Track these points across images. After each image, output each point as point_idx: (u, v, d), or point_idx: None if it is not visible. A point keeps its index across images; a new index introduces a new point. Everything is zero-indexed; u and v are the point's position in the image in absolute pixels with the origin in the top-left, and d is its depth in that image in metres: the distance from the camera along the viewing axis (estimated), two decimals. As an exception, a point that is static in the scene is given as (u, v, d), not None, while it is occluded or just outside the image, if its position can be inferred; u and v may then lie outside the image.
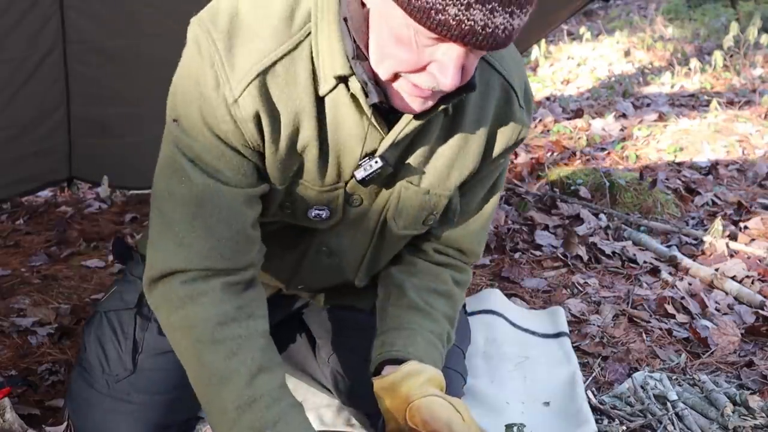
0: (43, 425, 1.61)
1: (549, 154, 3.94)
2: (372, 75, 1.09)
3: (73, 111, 2.61)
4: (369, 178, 1.21)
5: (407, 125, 1.16)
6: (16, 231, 2.95)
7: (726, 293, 2.40)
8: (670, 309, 2.27)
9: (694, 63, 5.57)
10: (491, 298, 2.23)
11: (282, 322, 1.67)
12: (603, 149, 4.07)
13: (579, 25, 7.62)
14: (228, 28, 1.11)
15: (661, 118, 4.51)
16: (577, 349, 2.03)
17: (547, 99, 5.32)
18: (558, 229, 2.92)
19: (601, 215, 3.04)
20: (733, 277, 2.49)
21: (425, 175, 1.29)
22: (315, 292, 1.61)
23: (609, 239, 2.85)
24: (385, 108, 1.14)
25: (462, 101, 1.21)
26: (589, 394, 1.80)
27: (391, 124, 1.18)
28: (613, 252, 2.72)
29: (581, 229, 2.88)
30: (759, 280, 2.50)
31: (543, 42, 6.36)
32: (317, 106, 1.15)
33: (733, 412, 1.70)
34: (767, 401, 1.76)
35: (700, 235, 2.84)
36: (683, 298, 2.35)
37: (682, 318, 2.24)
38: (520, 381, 1.89)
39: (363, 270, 1.47)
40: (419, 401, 1.20)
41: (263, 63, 1.10)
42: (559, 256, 2.68)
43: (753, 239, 2.84)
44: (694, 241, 2.84)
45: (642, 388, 1.83)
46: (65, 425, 1.55)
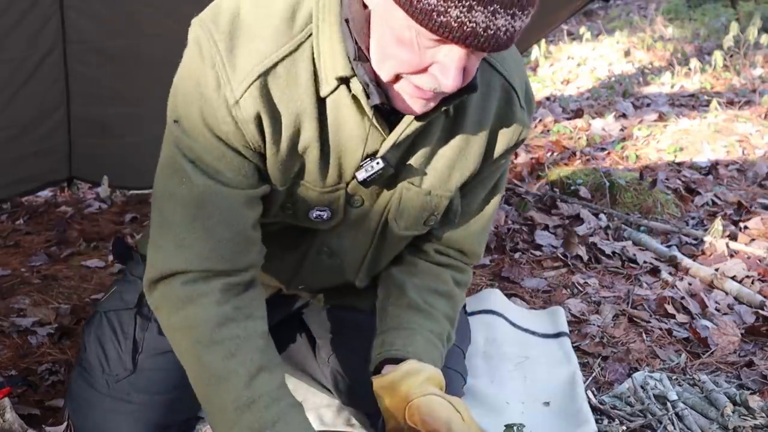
0: (43, 425, 1.61)
1: (549, 154, 3.94)
2: (373, 76, 1.09)
3: (73, 111, 2.61)
4: (370, 179, 1.21)
5: (408, 126, 1.17)
6: (16, 231, 2.95)
7: (726, 293, 2.40)
8: (670, 309, 2.27)
9: (694, 63, 5.57)
10: (491, 298, 2.23)
11: (282, 322, 1.67)
12: (603, 149, 4.07)
13: (579, 25, 7.62)
14: (229, 29, 1.11)
15: (661, 118, 4.51)
16: (577, 349, 2.03)
17: (547, 99, 5.32)
18: (558, 229, 2.92)
19: (601, 215, 3.04)
20: (733, 277, 2.49)
21: (426, 176, 1.29)
22: (315, 292, 1.61)
23: (609, 239, 2.85)
24: (386, 109, 1.14)
25: (463, 102, 1.21)
26: (589, 394, 1.80)
27: (393, 125, 1.18)
28: (613, 252, 2.72)
29: (581, 229, 2.88)
30: (759, 280, 2.50)
31: (543, 42, 6.36)
32: (318, 107, 1.15)
33: (733, 412, 1.70)
34: (767, 401, 1.76)
35: (700, 235, 2.84)
36: (683, 298, 2.35)
37: (682, 318, 2.24)
38: (520, 381, 1.89)
39: (364, 270, 1.47)
40: (418, 400, 1.20)
41: (264, 64, 1.10)
42: (559, 256, 2.68)
43: (753, 239, 2.85)
44: (694, 241, 2.84)
45: (642, 388, 1.83)
46: (65, 425, 1.55)
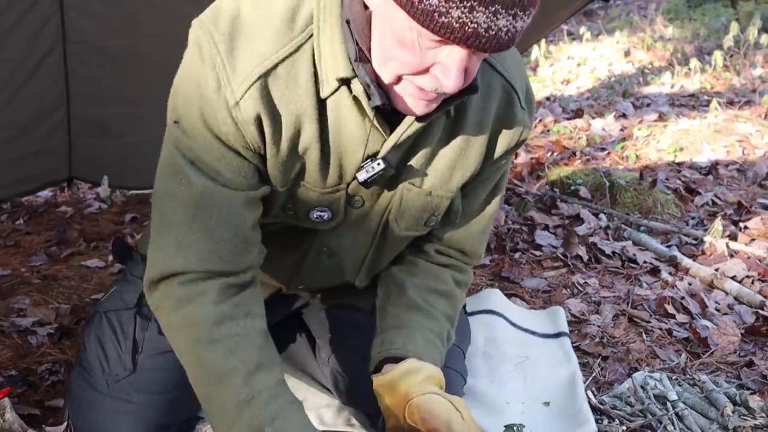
0: (43, 425, 1.61)
1: (549, 154, 3.94)
2: (374, 77, 1.09)
3: (73, 111, 2.61)
4: (371, 179, 1.21)
5: (409, 127, 1.17)
6: (16, 231, 2.95)
7: (726, 293, 2.40)
8: (670, 309, 2.27)
9: (694, 63, 5.57)
10: (491, 298, 2.23)
11: (282, 321, 1.68)
12: (603, 149, 4.07)
13: (579, 25, 7.62)
14: (229, 30, 1.11)
15: (661, 118, 4.51)
16: (577, 349, 2.03)
17: (547, 99, 5.32)
18: (558, 229, 2.92)
19: (601, 215, 3.04)
20: (733, 277, 2.49)
21: (427, 177, 1.29)
22: (315, 292, 1.61)
23: (609, 239, 2.85)
24: (387, 110, 1.14)
25: (464, 103, 1.21)
26: (589, 394, 1.80)
27: (393, 126, 1.18)
28: (613, 252, 2.72)
29: (581, 229, 2.88)
30: (759, 280, 2.50)
31: (543, 42, 6.36)
32: (318, 108, 1.15)
33: (733, 412, 1.70)
34: (767, 401, 1.76)
35: (700, 235, 2.84)
36: (683, 298, 2.35)
37: (682, 318, 2.24)
38: (520, 381, 1.89)
39: (364, 271, 1.47)
40: (418, 399, 1.20)
41: (265, 65, 1.10)
42: (559, 256, 2.68)
43: (753, 239, 2.85)
44: (694, 241, 2.84)
45: (642, 388, 1.83)
46: (65, 425, 1.55)
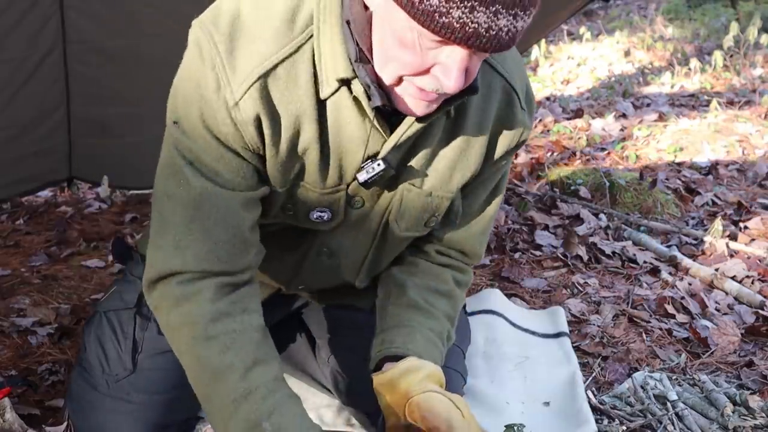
0: (43, 425, 1.61)
1: (549, 154, 3.94)
2: (374, 77, 1.09)
3: (73, 111, 2.61)
4: (371, 180, 1.21)
5: (410, 128, 1.17)
6: (16, 231, 2.95)
7: (726, 293, 2.40)
8: (670, 309, 2.27)
9: (694, 63, 5.57)
10: (491, 298, 2.23)
11: (282, 321, 1.68)
12: (603, 149, 4.07)
13: (579, 25, 7.62)
14: (229, 30, 1.11)
15: (661, 118, 4.51)
16: (577, 349, 2.03)
17: (547, 99, 5.32)
18: (558, 229, 2.92)
19: (601, 215, 3.04)
20: (733, 277, 2.49)
21: (427, 178, 1.29)
22: (315, 292, 1.61)
23: (609, 239, 2.85)
24: (387, 110, 1.14)
25: (464, 103, 1.21)
26: (589, 394, 1.80)
27: (393, 126, 1.18)
28: (613, 252, 2.72)
29: (581, 229, 2.88)
30: (759, 280, 2.50)
31: (543, 42, 6.36)
32: (318, 108, 1.15)
33: (733, 412, 1.70)
34: (767, 401, 1.76)
35: (700, 235, 2.84)
36: (683, 298, 2.35)
37: (682, 318, 2.24)
38: (520, 381, 1.89)
39: (364, 271, 1.47)
40: (418, 397, 1.20)
41: (264, 66, 1.10)
42: (559, 256, 2.68)
43: (753, 239, 2.85)
44: (694, 241, 2.84)
45: (642, 388, 1.83)
46: (65, 425, 1.55)
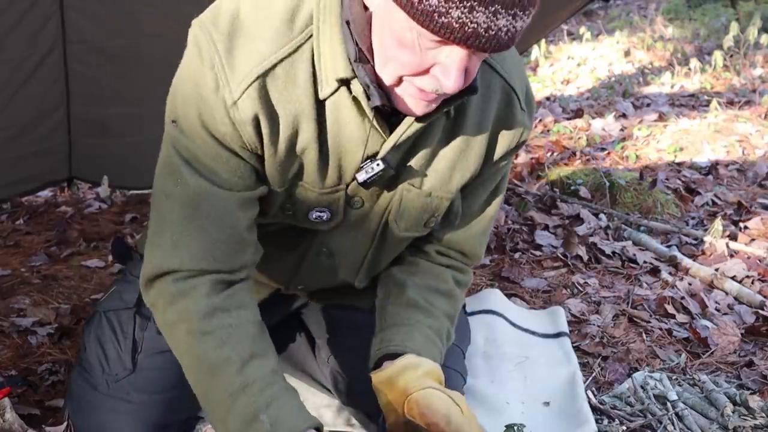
0: (43, 425, 1.61)
1: (549, 154, 3.94)
2: (374, 77, 1.09)
3: (73, 111, 2.61)
4: (370, 180, 1.21)
5: (409, 128, 1.17)
6: (16, 231, 2.95)
7: (726, 293, 2.40)
8: (670, 309, 2.27)
9: (694, 63, 5.57)
10: (491, 298, 2.23)
11: (281, 321, 1.67)
12: (603, 149, 4.07)
13: (579, 25, 7.62)
14: (229, 30, 1.11)
15: (661, 118, 4.51)
16: (577, 349, 2.03)
17: (547, 99, 5.32)
18: (558, 229, 2.92)
19: (601, 215, 3.04)
20: (733, 277, 2.49)
21: (427, 178, 1.29)
22: (314, 292, 1.61)
23: (609, 239, 2.85)
24: (387, 110, 1.14)
25: (463, 104, 1.21)
26: (589, 394, 1.80)
27: (393, 126, 1.18)
28: (613, 252, 2.72)
29: (581, 229, 2.88)
30: (759, 280, 2.50)
31: (543, 42, 6.36)
32: (317, 108, 1.15)
33: (733, 412, 1.70)
34: (767, 401, 1.76)
35: (700, 235, 2.84)
36: (683, 298, 2.35)
37: (682, 318, 2.24)
38: (520, 381, 1.89)
39: (363, 271, 1.47)
40: (417, 394, 1.20)
41: (263, 66, 1.10)
42: (559, 256, 2.68)
43: (753, 239, 2.85)
44: (694, 241, 2.84)
45: (642, 388, 1.83)
46: (65, 425, 1.55)
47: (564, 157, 3.89)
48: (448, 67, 0.99)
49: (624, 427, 1.67)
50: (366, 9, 1.06)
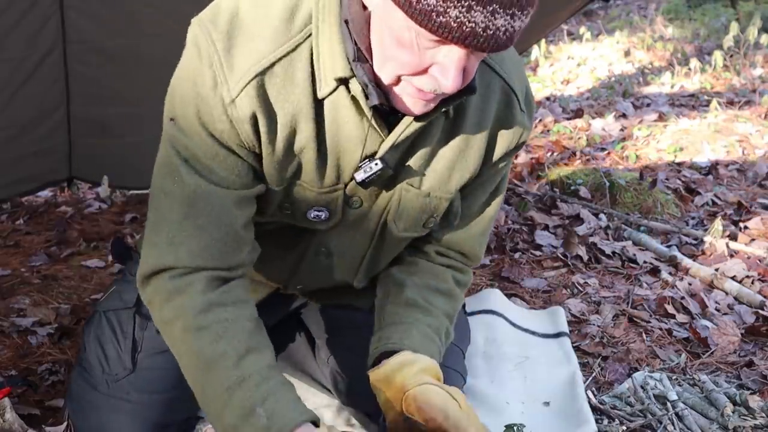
0: (43, 425, 1.61)
1: (549, 154, 3.94)
2: (373, 77, 1.09)
3: (73, 111, 2.61)
4: (369, 180, 1.21)
5: (408, 127, 1.17)
6: (16, 231, 2.95)
7: (726, 293, 2.40)
8: (670, 309, 2.27)
9: (694, 63, 5.57)
10: (491, 298, 2.23)
11: (281, 321, 1.68)
12: (603, 149, 4.07)
13: (579, 25, 7.62)
14: (227, 28, 1.11)
15: (661, 118, 4.51)
16: (577, 349, 2.03)
17: (547, 99, 5.32)
18: (558, 229, 2.92)
19: (601, 215, 3.04)
20: (733, 277, 2.49)
21: (426, 178, 1.29)
22: (313, 292, 1.61)
23: (609, 239, 2.85)
24: (386, 110, 1.14)
25: (463, 103, 1.21)
26: (589, 394, 1.80)
27: (392, 126, 1.18)
28: (613, 252, 2.72)
29: (581, 229, 2.88)
30: (759, 280, 2.50)
31: (543, 42, 6.36)
32: (315, 107, 1.15)
33: (733, 412, 1.70)
34: (767, 401, 1.76)
35: (700, 235, 2.84)
36: (683, 298, 2.35)
37: (682, 318, 2.24)
38: (520, 381, 1.89)
39: (362, 271, 1.47)
40: (414, 390, 1.20)
41: (262, 64, 1.10)
42: (559, 256, 2.68)
43: (753, 239, 2.84)
44: (694, 241, 2.84)
45: (642, 388, 1.83)
46: (65, 425, 1.55)
47: (564, 157, 3.89)
48: (446, 67, 0.99)
49: (624, 427, 1.67)
50: (365, 8, 1.06)
